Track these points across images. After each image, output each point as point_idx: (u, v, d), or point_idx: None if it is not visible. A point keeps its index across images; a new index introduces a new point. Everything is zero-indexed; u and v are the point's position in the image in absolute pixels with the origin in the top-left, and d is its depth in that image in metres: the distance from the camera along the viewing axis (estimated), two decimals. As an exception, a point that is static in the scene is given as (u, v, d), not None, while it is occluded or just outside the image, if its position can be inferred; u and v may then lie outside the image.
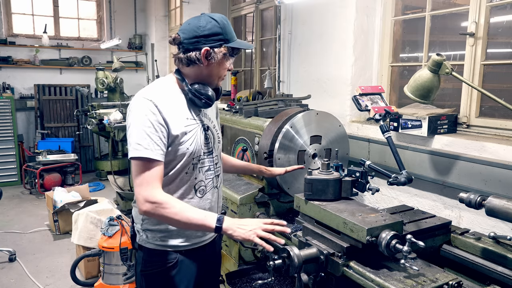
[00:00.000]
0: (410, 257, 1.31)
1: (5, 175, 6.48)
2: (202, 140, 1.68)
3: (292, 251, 1.45)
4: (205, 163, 1.72)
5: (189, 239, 1.70)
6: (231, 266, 2.54)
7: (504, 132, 2.20)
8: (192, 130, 1.65)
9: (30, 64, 7.16)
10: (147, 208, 1.50)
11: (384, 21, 2.91)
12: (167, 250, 1.67)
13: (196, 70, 1.64)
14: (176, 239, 1.68)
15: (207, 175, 1.73)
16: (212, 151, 1.75)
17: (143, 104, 1.55)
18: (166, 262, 1.67)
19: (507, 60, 2.33)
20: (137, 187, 1.53)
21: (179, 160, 1.62)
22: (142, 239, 1.70)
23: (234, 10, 5.16)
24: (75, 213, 3.84)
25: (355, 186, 1.67)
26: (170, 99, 1.62)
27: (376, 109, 2.00)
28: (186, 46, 1.61)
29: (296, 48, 3.53)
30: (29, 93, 7.22)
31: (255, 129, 2.52)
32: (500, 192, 1.82)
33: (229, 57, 1.66)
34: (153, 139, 1.53)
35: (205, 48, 1.59)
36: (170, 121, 1.57)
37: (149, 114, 1.53)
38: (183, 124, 1.62)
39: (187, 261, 1.71)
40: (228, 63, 1.67)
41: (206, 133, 1.71)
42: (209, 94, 1.65)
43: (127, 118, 1.60)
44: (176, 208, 1.50)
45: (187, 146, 1.62)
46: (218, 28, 1.60)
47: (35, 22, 7.42)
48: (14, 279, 3.65)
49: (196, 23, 1.61)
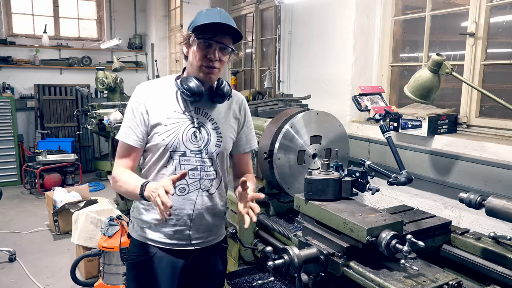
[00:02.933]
0: (410, 257, 1.31)
1: (5, 175, 6.48)
2: (187, 136, 1.62)
3: (292, 251, 1.45)
4: (192, 162, 1.64)
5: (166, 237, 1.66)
6: (231, 266, 2.54)
7: (504, 132, 2.20)
8: (175, 123, 1.61)
9: (30, 64, 7.16)
10: (111, 181, 1.66)
11: (384, 21, 2.91)
12: (148, 243, 1.68)
13: (188, 63, 1.65)
14: (155, 233, 1.67)
15: (193, 174, 1.65)
16: (201, 151, 1.65)
17: (134, 92, 1.66)
18: (145, 254, 1.67)
19: (507, 60, 2.33)
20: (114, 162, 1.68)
21: (155, 151, 1.63)
22: (130, 228, 1.76)
23: (234, 10, 5.16)
24: (75, 213, 3.84)
25: (355, 186, 1.67)
26: (161, 90, 1.66)
27: (376, 109, 2.00)
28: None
29: (296, 48, 3.53)
30: (29, 93, 7.22)
31: (255, 129, 2.52)
32: (500, 192, 1.82)
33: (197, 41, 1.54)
34: (129, 125, 1.62)
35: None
36: (151, 110, 1.61)
37: (132, 101, 1.64)
38: (165, 116, 1.61)
39: (165, 259, 1.66)
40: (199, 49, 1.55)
41: (195, 131, 1.64)
42: (190, 86, 1.58)
43: None
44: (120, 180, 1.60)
45: (163, 138, 1.60)
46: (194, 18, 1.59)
47: (35, 22, 7.42)
48: (14, 279, 3.65)
49: None
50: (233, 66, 5.27)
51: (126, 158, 1.64)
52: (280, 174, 2.26)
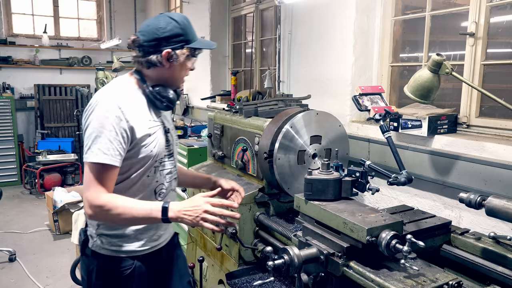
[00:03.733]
0: (410, 257, 1.31)
1: (5, 175, 6.49)
2: (163, 143, 1.66)
3: (292, 251, 1.45)
4: (166, 166, 1.69)
5: (147, 242, 1.66)
6: (231, 266, 2.53)
7: (504, 132, 2.20)
8: (156, 132, 1.62)
9: (30, 64, 7.17)
10: (92, 212, 1.46)
11: (384, 21, 2.91)
12: (123, 256, 1.61)
13: (158, 72, 1.60)
14: (133, 243, 1.63)
15: (167, 178, 1.70)
16: (173, 154, 1.73)
17: (107, 106, 1.50)
18: (122, 269, 1.61)
19: (507, 60, 2.33)
20: (85, 190, 1.48)
21: (143, 163, 1.58)
22: (96, 245, 1.62)
23: (234, 10, 5.16)
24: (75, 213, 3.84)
25: (355, 186, 1.67)
26: (133, 101, 1.58)
27: (376, 109, 2.00)
28: (146, 49, 1.57)
29: (296, 48, 3.53)
30: (29, 93, 7.22)
31: (255, 129, 2.52)
32: (500, 192, 1.82)
33: (191, 57, 1.63)
34: (113, 143, 1.47)
35: (166, 50, 1.55)
36: (134, 124, 1.53)
37: (111, 117, 1.48)
38: (146, 126, 1.58)
39: (144, 267, 1.65)
40: (190, 63, 1.65)
41: (167, 135, 1.69)
42: (171, 97, 1.62)
43: (86, 118, 1.52)
44: (119, 207, 1.45)
45: (151, 149, 1.59)
46: (179, 29, 1.56)
47: (35, 22, 7.43)
48: (14, 279, 3.66)
49: (156, 25, 1.57)
50: (233, 66, 5.28)
51: (109, 181, 1.48)
52: (280, 174, 2.26)
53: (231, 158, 2.80)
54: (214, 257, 2.80)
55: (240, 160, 2.64)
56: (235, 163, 2.71)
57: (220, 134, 2.94)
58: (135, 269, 1.63)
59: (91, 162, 1.47)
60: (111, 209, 1.45)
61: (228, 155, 2.85)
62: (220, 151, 2.94)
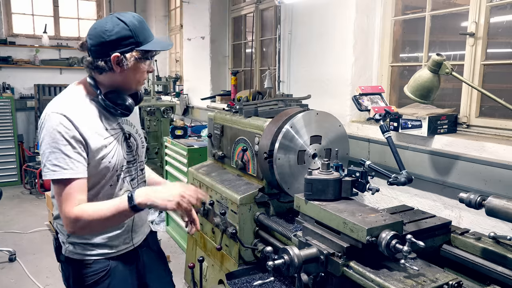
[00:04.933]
0: (410, 257, 1.31)
1: (5, 175, 6.48)
2: (124, 150, 1.60)
3: (292, 251, 1.45)
4: (130, 172, 1.64)
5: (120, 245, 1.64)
6: (231, 266, 2.54)
7: (504, 132, 2.20)
8: (112, 142, 1.55)
9: (30, 64, 7.16)
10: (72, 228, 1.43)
11: (384, 21, 2.91)
12: (97, 259, 1.59)
13: (110, 77, 1.52)
14: (102, 249, 1.61)
15: (133, 183, 1.65)
16: (136, 159, 1.68)
17: (57, 120, 1.42)
18: (98, 272, 1.59)
19: (507, 60, 2.33)
20: (59, 207, 1.44)
21: (103, 175, 1.53)
22: (69, 251, 1.60)
23: (234, 10, 5.16)
24: (75, 213, 3.84)
25: (355, 186, 1.67)
26: (84, 112, 1.50)
27: (376, 109, 2.00)
28: (94, 53, 1.51)
29: (296, 48, 3.53)
30: (29, 93, 7.22)
31: (255, 129, 2.52)
32: (500, 192, 1.82)
33: (144, 60, 1.52)
34: (71, 157, 1.41)
35: (114, 54, 1.46)
36: (87, 136, 1.46)
37: (63, 130, 1.41)
38: (102, 137, 1.51)
39: (120, 266, 1.63)
40: (145, 66, 1.54)
41: (128, 141, 1.63)
42: (127, 104, 1.55)
43: (39, 134, 1.47)
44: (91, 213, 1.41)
45: (109, 160, 1.53)
46: (127, 31, 1.46)
47: (35, 22, 7.42)
48: (14, 279, 3.65)
49: (102, 27, 1.48)
50: (233, 66, 5.28)
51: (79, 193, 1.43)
52: (280, 174, 2.26)
53: (231, 158, 2.80)
54: (214, 257, 2.80)
55: (240, 160, 2.64)
56: (235, 163, 2.71)
57: (220, 134, 2.94)
58: (110, 269, 1.61)
59: (54, 180, 1.43)
60: (86, 219, 1.41)
61: (228, 155, 2.85)
62: (220, 151, 2.94)
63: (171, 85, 6.45)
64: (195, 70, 5.70)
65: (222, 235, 2.58)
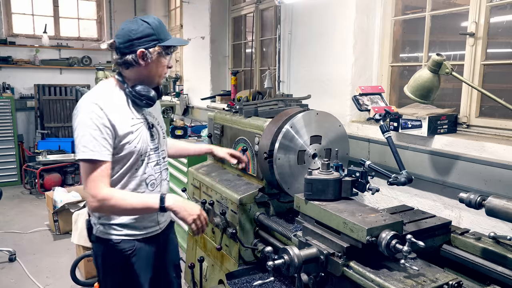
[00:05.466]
0: (410, 257, 1.32)
1: (5, 175, 6.49)
2: (148, 138, 1.81)
3: (292, 251, 1.45)
4: (153, 158, 1.85)
5: (146, 228, 1.84)
6: (231, 266, 2.54)
7: (504, 132, 2.20)
8: (138, 129, 1.76)
9: (30, 64, 7.17)
10: (95, 205, 1.62)
11: (384, 21, 2.91)
12: (125, 239, 1.79)
13: (136, 71, 1.75)
14: (131, 230, 1.80)
15: (156, 169, 1.86)
16: (158, 147, 1.88)
17: (89, 108, 1.65)
18: (126, 251, 1.78)
19: (507, 60, 2.33)
20: (85, 186, 1.64)
21: (129, 158, 1.74)
22: (100, 231, 1.80)
23: (234, 10, 5.16)
24: (75, 213, 3.84)
25: (355, 186, 1.67)
26: (114, 102, 1.72)
27: (376, 109, 2.00)
28: (122, 50, 1.71)
29: (296, 48, 3.53)
30: (29, 93, 7.22)
31: (255, 129, 2.52)
32: (500, 192, 1.82)
33: (165, 55, 1.76)
34: (99, 141, 1.62)
35: (140, 50, 1.69)
36: (116, 123, 1.68)
37: (94, 117, 1.63)
38: (129, 124, 1.73)
39: (144, 248, 1.83)
40: (166, 60, 1.78)
41: (151, 131, 1.84)
42: (151, 95, 1.77)
43: (74, 120, 1.68)
44: (119, 200, 1.64)
45: (135, 145, 1.74)
46: (150, 29, 1.70)
47: (35, 22, 7.43)
48: (14, 279, 3.66)
49: (129, 27, 1.71)
50: (233, 66, 5.28)
51: (104, 175, 1.64)
52: (280, 174, 2.26)
53: (231, 158, 2.79)
54: (214, 257, 2.80)
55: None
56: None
57: (220, 134, 2.94)
58: (135, 250, 1.80)
59: (82, 160, 1.63)
60: (112, 202, 1.62)
61: (228, 155, 2.85)
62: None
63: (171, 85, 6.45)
64: (195, 70, 5.70)
65: (222, 235, 2.58)
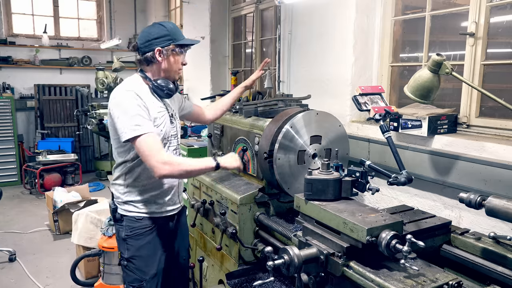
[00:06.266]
0: (410, 257, 1.31)
1: (5, 175, 6.49)
2: (169, 124, 2.09)
3: (292, 251, 1.45)
4: (173, 143, 2.14)
5: (163, 206, 2.12)
6: (231, 266, 2.54)
7: (504, 132, 2.20)
8: (163, 116, 2.05)
9: (30, 64, 7.17)
10: (163, 170, 1.84)
11: (384, 21, 2.91)
12: (146, 217, 2.07)
13: (155, 67, 2.04)
14: (152, 206, 2.08)
15: (174, 153, 2.14)
16: (177, 134, 2.17)
17: (127, 94, 1.92)
18: (145, 227, 2.07)
19: (507, 60, 2.33)
20: (148, 158, 1.85)
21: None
22: (125, 209, 2.08)
23: (234, 10, 5.16)
24: (75, 213, 3.85)
25: (355, 186, 1.67)
26: (142, 91, 1.99)
27: (376, 109, 2.00)
28: (143, 49, 2.02)
29: (296, 48, 3.53)
30: (29, 93, 7.23)
31: (255, 129, 2.52)
32: (500, 192, 1.82)
33: (179, 53, 2.04)
34: (144, 117, 1.90)
35: (157, 48, 1.98)
36: (148, 106, 1.95)
37: (133, 100, 1.90)
38: (156, 111, 2.01)
39: (160, 227, 2.12)
40: (180, 58, 2.06)
41: (171, 119, 2.14)
42: (170, 87, 2.05)
43: (113, 109, 1.93)
44: (181, 163, 1.93)
45: (161, 128, 2.02)
46: (166, 31, 2.00)
47: (35, 22, 7.43)
48: (14, 279, 3.66)
49: (148, 30, 2.04)
50: (233, 66, 5.28)
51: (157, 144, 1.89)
52: (280, 174, 2.26)
53: (231, 158, 2.79)
54: (214, 257, 2.80)
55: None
56: (235, 163, 2.70)
57: (220, 134, 2.94)
58: (154, 228, 2.09)
59: (135, 137, 1.85)
60: (176, 164, 1.88)
61: (228, 155, 2.85)
62: (220, 151, 2.94)
63: (171, 85, 6.45)
64: (195, 70, 5.70)
65: (222, 235, 2.58)
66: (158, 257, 2.12)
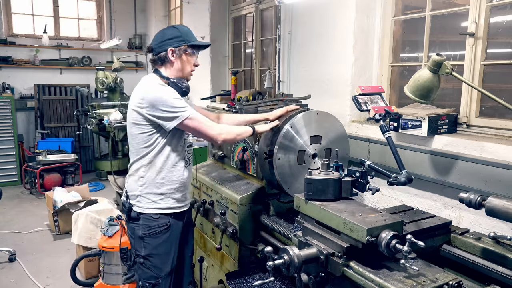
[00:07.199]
0: (410, 257, 1.31)
1: (5, 175, 6.49)
2: None
3: (292, 251, 1.45)
4: (189, 140, 2.27)
5: (177, 202, 2.19)
6: (231, 266, 2.54)
7: (504, 132, 2.20)
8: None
9: (30, 64, 7.16)
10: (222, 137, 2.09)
11: (384, 21, 2.91)
12: (162, 214, 2.14)
13: (169, 67, 2.14)
14: (168, 201, 2.15)
15: (189, 150, 2.27)
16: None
17: (164, 88, 2.06)
18: (162, 225, 2.13)
19: (507, 60, 2.33)
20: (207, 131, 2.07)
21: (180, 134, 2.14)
22: (140, 206, 2.13)
23: (234, 10, 5.16)
24: (75, 213, 3.84)
25: (355, 186, 1.67)
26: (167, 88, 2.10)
27: (376, 109, 2.00)
28: (157, 49, 2.12)
29: (296, 48, 3.53)
30: (29, 93, 7.22)
31: (255, 129, 2.52)
32: (500, 192, 1.82)
33: (191, 53, 2.14)
34: (183, 100, 2.07)
35: (170, 48, 2.09)
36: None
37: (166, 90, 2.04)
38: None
39: (175, 224, 2.19)
40: (193, 59, 2.17)
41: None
42: (186, 84, 2.16)
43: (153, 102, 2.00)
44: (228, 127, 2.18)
45: None
46: (178, 32, 2.11)
47: (35, 22, 7.43)
48: (14, 279, 3.66)
49: (162, 32, 2.15)
50: (233, 66, 5.28)
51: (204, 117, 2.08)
52: (280, 174, 2.26)
53: (231, 158, 2.80)
54: (214, 257, 2.80)
55: (240, 160, 2.64)
56: (235, 163, 2.71)
57: (220, 134, 2.94)
58: (170, 225, 2.16)
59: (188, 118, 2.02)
60: (228, 131, 2.13)
61: (228, 155, 2.85)
62: (220, 151, 2.94)
63: (171, 85, 6.45)
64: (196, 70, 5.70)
65: (222, 235, 2.58)
66: (172, 254, 2.20)
